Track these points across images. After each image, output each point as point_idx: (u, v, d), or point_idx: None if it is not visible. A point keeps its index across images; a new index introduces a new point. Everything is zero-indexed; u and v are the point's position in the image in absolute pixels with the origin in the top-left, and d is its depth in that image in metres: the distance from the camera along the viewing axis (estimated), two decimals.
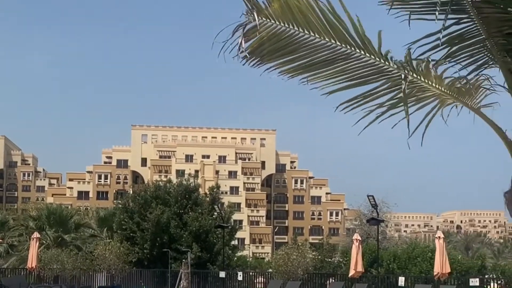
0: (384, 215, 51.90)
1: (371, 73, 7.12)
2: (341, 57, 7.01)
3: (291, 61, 7.14)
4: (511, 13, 6.52)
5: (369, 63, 7.03)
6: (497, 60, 6.98)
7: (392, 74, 7.07)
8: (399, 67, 6.90)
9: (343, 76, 7.17)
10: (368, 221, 35.86)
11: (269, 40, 6.89)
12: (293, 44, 6.96)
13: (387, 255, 31.24)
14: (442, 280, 24.81)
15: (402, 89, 6.89)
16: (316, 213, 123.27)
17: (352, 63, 7.06)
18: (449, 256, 29.49)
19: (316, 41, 6.91)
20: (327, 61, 7.08)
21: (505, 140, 7.02)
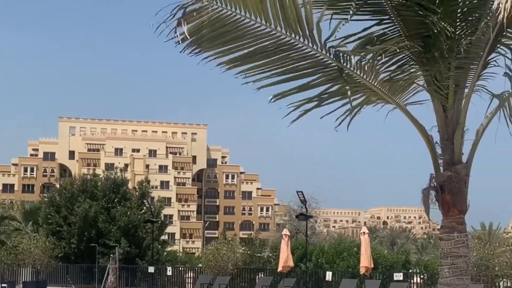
0: (313, 210, 52.60)
1: (309, 65, 7.09)
2: (283, 47, 6.92)
3: (232, 51, 6.94)
4: (427, 16, 6.65)
5: (310, 55, 7.00)
6: (416, 61, 7.11)
7: (330, 67, 7.07)
8: (338, 59, 6.91)
9: (280, 68, 7.10)
10: (297, 216, 36.23)
11: (211, 25, 6.62)
12: (236, 31, 6.75)
13: (316, 250, 31.63)
14: (367, 275, 25.32)
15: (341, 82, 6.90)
16: (247, 208, 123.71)
17: (293, 54, 7.00)
18: (375, 251, 30.13)
19: (261, 29, 6.75)
20: (268, 51, 6.96)
21: (426, 138, 7.17)
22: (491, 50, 6.88)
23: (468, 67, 7.01)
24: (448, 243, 7.20)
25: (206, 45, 6.76)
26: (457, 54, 6.80)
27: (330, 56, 6.87)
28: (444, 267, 7.25)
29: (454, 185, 7.09)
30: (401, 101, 7.40)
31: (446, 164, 7.16)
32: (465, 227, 7.28)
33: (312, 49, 6.86)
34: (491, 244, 29.59)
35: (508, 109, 7.32)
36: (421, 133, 7.21)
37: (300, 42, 6.80)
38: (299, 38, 6.76)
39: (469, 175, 7.21)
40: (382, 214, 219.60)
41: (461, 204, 7.17)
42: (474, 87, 7.15)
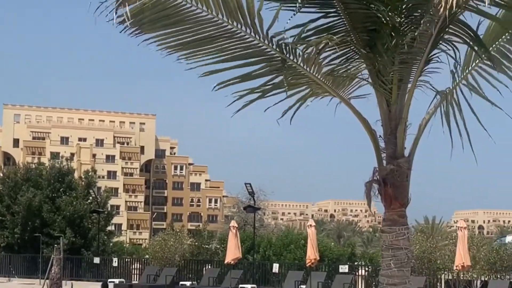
0: (262, 203, 52.80)
1: (252, 55, 7.06)
2: (225, 35, 6.86)
3: (173, 34, 6.85)
4: (374, 10, 6.72)
5: (253, 44, 6.97)
6: (361, 55, 7.19)
7: (273, 58, 7.05)
8: (281, 50, 6.90)
9: (224, 56, 7.04)
10: (245, 208, 36.33)
11: (153, 8, 6.50)
12: (177, 16, 6.65)
13: (263, 242, 31.79)
14: (313, 267, 25.58)
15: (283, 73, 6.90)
16: (195, 199, 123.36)
17: (235, 43, 6.96)
18: (322, 243, 30.44)
19: (203, 15, 6.67)
20: (210, 38, 6.89)
21: (369, 132, 7.25)
22: (433, 46, 7.00)
23: (412, 62, 7.12)
24: (390, 235, 7.32)
25: (147, 27, 6.65)
26: (401, 49, 6.88)
27: (273, 46, 6.85)
28: (385, 259, 7.38)
29: (396, 179, 7.20)
30: (345, 95, 7.46)
31: (389, 157, 7.27)
32: (406, 220, 7.41)
33: (255, 39, 6.83)
34: (434, 238, 30.29)
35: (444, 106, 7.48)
36: (365, 127, 7.30)
37: (242, 31, 6.76)
38: (241, 27, 6.71)
39: (411, 169, 7.34)
40: (329, 207, 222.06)
41: (403, 197, 7.29)
42: (417, 83, 7.27)
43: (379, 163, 7.33)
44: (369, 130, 7.28)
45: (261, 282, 28.94)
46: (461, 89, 7.69)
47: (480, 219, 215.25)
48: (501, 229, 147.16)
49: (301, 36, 6.75)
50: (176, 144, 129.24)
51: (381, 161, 7.33)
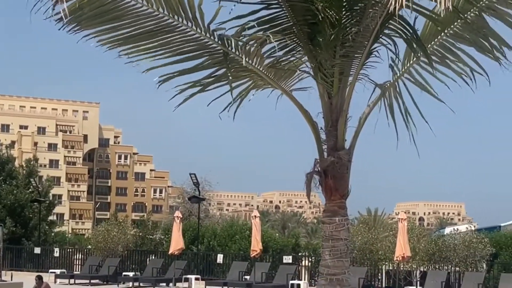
0: (207, 193, 52.69)
1: (194, 48, 7.05)
2: (166, 29, 6.83)
3: (113, 30, 6.78)
4: (314, 3, 6.78)
5: (194, 38, 6.95)
6: (303, 47, 7.26)
7: (215, 51, 7.06)
8: (223, 43, 6.91)
9: (165, 50, 7.02)
10: (189, 199, 36.19)
11: (91, 3, 6.43)
12: (116, 11, 6.59)
13: (208, 232, 31.74)
14: (258, 258, 25.74)
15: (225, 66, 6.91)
16: (140, 189, 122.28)
17: (177, 37, 6.94)
18: (266, 234, 30.60)
19: (143, 9, 6.63)
20: (151, 32, 6.86)
21: (311, 124, 7.34)
22: (375, 40, 7.12)
23: (353, 55, 7.22)
24: (330, 226, 7.43)
25: (85, 23, 6.57)
26: (343, 42, 6.98)
27: (215, 39, 6.86)
28: (325, 250, 7.49)
29: (337, 170, 7.31)
30: (287, 87, 7.52)
31: (329, 149, 7.37)
32: (346, 211, 7.53)
33: (196, 32, 6.82)
34: (376, 229, 30.80)
35: (387, 99, 7.62)
36: (307, 119, 7.38)
37: (183, 24, 6.74)
38: (182, 21, 6.69)
39: (351, 161, 7.47)
40: (274, 198, 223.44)
41: (343, 189, 7.41)
42: (358, 76, 7.39)
43: (320, 155, 7.43)
44: (310, 122, 7.36)
45: (205, 273, 28.93)
46: (404, 82, 7.84)
47: (420, 211, 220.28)
48: (440, 220, 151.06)
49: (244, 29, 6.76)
50: (120, 133, 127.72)
51: (322, 152, 7.43)
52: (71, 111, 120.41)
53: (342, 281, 7.39)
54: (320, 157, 7.42)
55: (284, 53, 7.28)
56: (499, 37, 7.40)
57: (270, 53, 7.21)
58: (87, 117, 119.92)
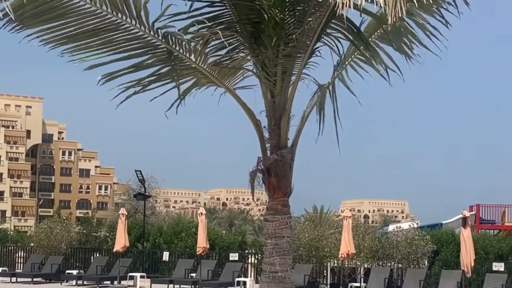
0: (153, 190, 52.29)
1: (138, 46, 7.02)
2: (110, 27, 6.78)
3: (56, 28, 6.68)
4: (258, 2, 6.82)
5: (138, 36, 6.92)
6: (247, 46, 7.31)
7: (159, 49, 7.03)
8: (167, 42, 6.89)
9: (109, 48, 6.96)
10: (135, 196, 35.83)
11: (33, 2, 6.32)
12: (59, 9, 6.50)
13: (154, 230, 31.46)
14: (204, 255, 25.66)
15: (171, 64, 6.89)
16: (84, 186, 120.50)
17: (120, 35, 6.89)
18: (213, 232, 30.54)
19: (86, 7, 6.56)
20: (95, 30, 6.79)
21: (254, 122, 7.39)
22: (317, 39, 7.21)
23: (296, 55, 7.29)
24: (273, 224, 7.48)
25: (28, 22, 6.46)
26: (286, 42, 7.04)
27: (159, 37, 6.83)
28: (268, 247, 7.53)
29: (279, 169, 7.36)
30: (230, 85, 7.54)
31: (272, 148, 7.42)
32: (289, 209, 7.59)
33: (140, 30, 6.78)
34: (322, 226, 31.10)
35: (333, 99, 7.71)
36: (250, 117, 7.41)
37: (127, 22, 6.70)
38: (126, 19, 6.65)
39: (294, 159, 7.53)
40: (222, 196, 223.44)
41: (286, 187, 7.47)
42: (301, 75, 7.46)
43: (263, 153, 7.47)
44: (254, 120, 7.40)
45: (151, 271, 28.70)
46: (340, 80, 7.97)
47: (365, 209, 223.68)
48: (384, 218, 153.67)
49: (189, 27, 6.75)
50: (64, 128, 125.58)
51: (265, 151, 7.47)
52: (14, 106, 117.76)
53: (284, 278, 7.45)
54: (263, 156, 7.47)
55: (228, 52, 7.30)
56: (415, 37, 7.69)
57: (214, 51, 7.21)
58: (30, 112, 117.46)
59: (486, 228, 37.56)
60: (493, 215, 38.28)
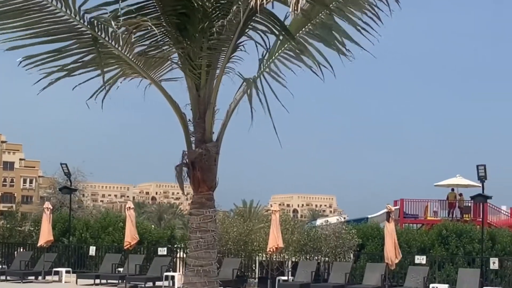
0: (80, 184, 51.28)
1: (62, 30, 6.84)
2: (35, 8, 6.58)
3: None
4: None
5: (63, 20, 6.74)
6: (172, 38, 7.27)
7: (84, 35, 6.88)
8: (93, 28, 6.75)
9: (33, 30, 6.75)
10: (60, 189, 35.05)
11: None
12: None
13: (80, 224, 30.88)
14: (132, 250, 25.40)
15: (95, 51, 6.75)
16: (8, 179, 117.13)
17: (45, 17, 6.69)
18: (141, 226, 30.23)
19: None
20: (18, 11, 6.57)
21: (179, 115, 7.35)
22: (241, 33, 7.22)
23: (220, 48, 7.28)
24: (197, 218, 7.47)
25: None
26: (210, 35, 7.02)
27: (84, 23, 6.69)
28: (193, 241, 7.52)
29: (204, 162, 7.35)
30: (156, 77, 7.47)
31: (197, 141, 7.39)
32: (214, 203, 7.59)
33: (65, 14, 6.62)
34: (251, 221, 31.29)
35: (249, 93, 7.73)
36: (175, 110, 7.37)
37: (53, 5, 6.53)
38: (51, 1, 6.49)
39: (219, 153, 7.53)
40: (151, 190, 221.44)
41: (211, 181, 7.46)
42: (225, 69, 7.46)
43: (188, 147, 7.44)
44: (179, 113, 7.36)
45: (77, 266, 28.21)
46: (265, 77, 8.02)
47: (295, 203, 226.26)
48: (313, 212, 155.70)
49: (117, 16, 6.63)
50: None
51: (190, 144, 7.44)
52: None
53: (209, 272, 7.45)
54: (188, 149, 7.44)
55: (153, 43, 7.22)
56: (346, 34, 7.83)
57: (141, 41, 7.12)
58: None
59: (410, 222, 38.63)
60: (416, 210, 39.39)
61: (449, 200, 38.68)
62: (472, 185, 34.99)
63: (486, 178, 24.77)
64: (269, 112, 7.74)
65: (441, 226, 26.55)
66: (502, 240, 25.17)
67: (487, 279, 22.85)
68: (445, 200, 38.91)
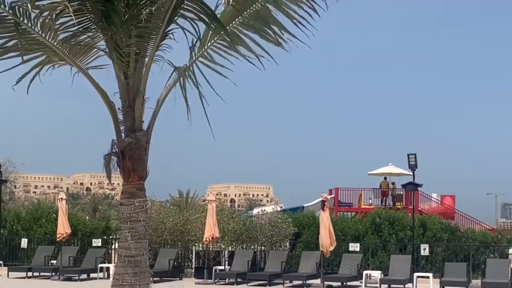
0: (10, 174, 49.99)
1: None
2: None
3: None
4: None
5: None
6: (98, 25, 7.15)
7: (5, 20, 6.68)
8: (14, 13, 6.55)
9: None
10: None
11: None
12: None
13: (11, 216, 30.14)
14: (65, 241, 24.98)
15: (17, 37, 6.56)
16: None
17: None
18: (75, 217, 29.73)
19: None
20: None
21: (108, 104, 7.26)
22: (170, 21, 7.16)
23: (149, 36, 7.20)
24: (128, 208, 7.39)
25: None
26: (138, 22, 6.93)
27: (5, 8, 6.50)
28: (124, 231, 7.44)
29: (134, 152, 7.28)
30: (83, 64, 7.33)
31: (127, 130, 7.31)
32: (145, 193, 7.53)
33: None
34: (188, 211, 31.19)
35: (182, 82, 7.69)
36: (103, 99, 7.26)
37: None
38: None
39: (150, 142, 7.47)
40: (85, 180, 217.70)
41: (141, 170, 7.40)
42: (154, 57, 7.39)
43: (118, 136, 7.35)
44: (107, 102, 7.26)
45: (8, 259, 27.56)
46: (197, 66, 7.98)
47: (232, 193, 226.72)
48: (250, 202, 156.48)
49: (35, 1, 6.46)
50: None
51: (120, 133, 7.36)
52: None
53: (140, 262, 7.39)
54: (117, 138, 7.35)
55: (79, 29, 7.07)
56: (280, 25, 7.90)
57: (65, 27, 6.96)
58: None
59: (344, 210, 39.28)
60: (351, 198, 40.07)
61: (382, 188, 39.47)
62: (404, 173, 35.77)
63: (417, 166, 25.40)
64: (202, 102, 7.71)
65: (374, 214, 27.11)
66: (433, 227, 25.90)
67: (418, 265, 23.47)
68: (378, 188, 39.68)
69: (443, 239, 25.63)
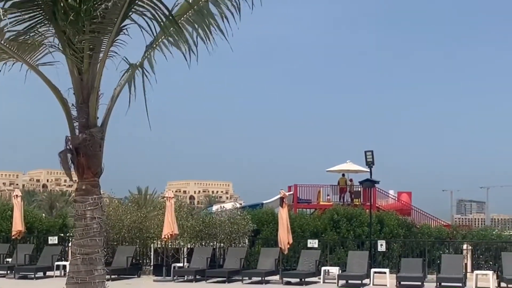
0: None
1: None
2: None
3: None
4: None
5: None
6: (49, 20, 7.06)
7: None
8: None
9: None
10: None
11: None
12: None
13: None
14: (20, 239, 24.58)
15: None
16: None
17: None
18: (31, 215, 29.27)
19: None
20: None
21: (61, 100, 7.17)
22: (124, 17, 7.10)
23: (103, 32, 7.13)
24: (83, 205, 7.31)
25: None
26: (93, 18, 6.85)
27: None
28: (78, 229, 7.37)
29: (89, 148, 7.20)
30: (32, 61, 7.23)
31: (81, 127, 7.23)
32: (100, 190, 7.46)
33: None
34: (146, 208, 31.00)
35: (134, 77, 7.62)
36: (56, 95, 7.17)
37: None
38: None
39: (104, 139, 7.39)
40: (42, 177, 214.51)
41: (96, 167, 7.33)
42: (109, 53, 7.32)
43: (72, 132, 7.26)
44: (60, 98, 7.17)
45: None
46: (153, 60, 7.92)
47: (191, 190, 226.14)
48: (209, 198, 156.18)
49: None
50: None
51: (74, 130, 7.27)
52: None
53: (95, 260, 7.32)
54: (71, 135, 7.26)
55: (30, 25, 6.96)
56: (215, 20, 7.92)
57: (15, 23, 6.84)
58: None
59: (303, 207, 39.48)
60: (310, 195, 40.27)
61: (340, 185, 39.78)
62: (361, 170, 36.11)
63: (374, 163, 25.66)
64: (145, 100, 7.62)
65: (333, 210, 27.31)
66: (390, 223, 26.23)
67: (375, 261, 23.75)
68: (337, 185, 39.98)
69: (399, 235, 25.97)
